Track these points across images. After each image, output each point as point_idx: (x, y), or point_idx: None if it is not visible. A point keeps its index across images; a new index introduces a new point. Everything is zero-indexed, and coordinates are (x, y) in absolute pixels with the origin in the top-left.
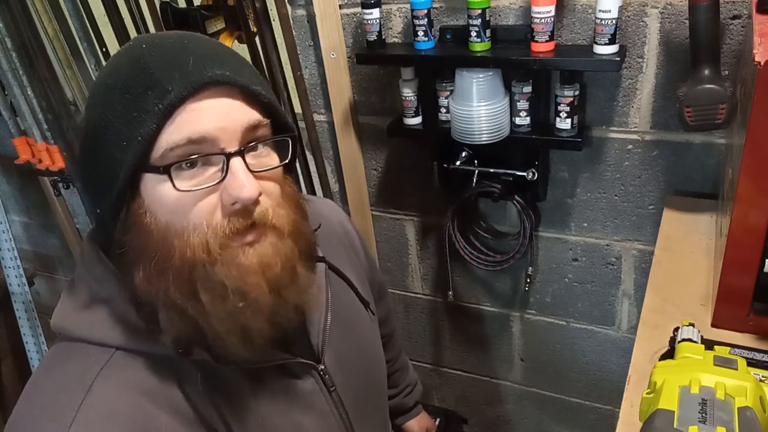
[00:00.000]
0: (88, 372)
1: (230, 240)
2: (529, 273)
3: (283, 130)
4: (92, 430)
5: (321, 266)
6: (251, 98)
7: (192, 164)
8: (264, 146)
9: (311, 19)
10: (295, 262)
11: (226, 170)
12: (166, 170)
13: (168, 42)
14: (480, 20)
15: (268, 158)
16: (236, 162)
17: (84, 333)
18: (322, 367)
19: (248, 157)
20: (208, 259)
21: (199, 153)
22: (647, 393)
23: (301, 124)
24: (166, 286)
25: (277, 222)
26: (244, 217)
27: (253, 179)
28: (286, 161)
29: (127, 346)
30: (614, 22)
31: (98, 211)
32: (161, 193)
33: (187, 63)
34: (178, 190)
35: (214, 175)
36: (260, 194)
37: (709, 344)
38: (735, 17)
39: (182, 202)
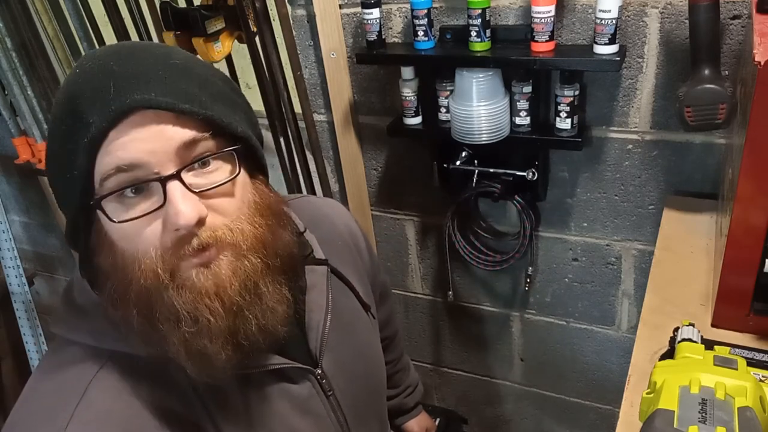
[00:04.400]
0: (84, 376)
1: (181, 261)
2: (529, 273)
3: (240, 139)
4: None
5: (323, 269)
6: (185, 115)
7: (137, 190)
8: (214, 160)
9: (311, 19)
10: (259, 279)
11: (164, 195)
12: (96, 204)
13: (98, 63)
14: (480, 20)
15: (218, 172)
16: (172, 186)
17: (80, 337)
18: (320, 372)
19: (191, 176)
20: (161, 285)
21: (134, 180)
22: (647, 393)
23: (301, 124)
24: (128, 311)
25: (233, 240)
26: (189, 242)
27: (195, 201)
28: (235, 175)
29: (121, 350)
30: (614, 22)
31: None
32: (108, 223)
33: (108, 90)
34: (113, 221)
35: (155, 201)
36: (203, 216)
37: (709, 344)
38: (735, 17)
39: (128, 231)
